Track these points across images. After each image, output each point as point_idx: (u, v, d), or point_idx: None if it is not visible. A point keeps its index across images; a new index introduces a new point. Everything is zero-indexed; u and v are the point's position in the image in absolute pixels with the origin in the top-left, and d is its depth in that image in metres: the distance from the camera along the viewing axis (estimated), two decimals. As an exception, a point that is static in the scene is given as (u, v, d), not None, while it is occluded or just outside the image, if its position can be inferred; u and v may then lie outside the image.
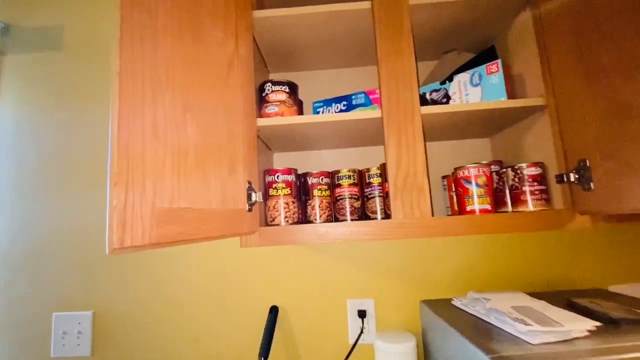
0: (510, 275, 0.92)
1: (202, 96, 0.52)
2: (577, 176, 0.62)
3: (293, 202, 0.79)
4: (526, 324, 0.56)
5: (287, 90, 0.79)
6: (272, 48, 0.88)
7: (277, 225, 0.77)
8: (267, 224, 0.77)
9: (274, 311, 0.93)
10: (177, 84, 0.46)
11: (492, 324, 0.63)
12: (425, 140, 0.95)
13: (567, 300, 0.75)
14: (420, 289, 0.93)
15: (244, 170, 0.61)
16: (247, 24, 0.69)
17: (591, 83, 0.58)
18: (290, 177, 0.80)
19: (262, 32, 0.80)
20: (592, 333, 0.56)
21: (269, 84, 0.79)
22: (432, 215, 0.65)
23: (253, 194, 0.64)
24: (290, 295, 0.95)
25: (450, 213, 0.88)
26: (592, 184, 0.59)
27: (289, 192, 0.79)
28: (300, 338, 0.93)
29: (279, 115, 0.77)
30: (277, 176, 0.79)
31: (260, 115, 0.79)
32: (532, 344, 0.53)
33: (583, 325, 0.56)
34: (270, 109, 0.78)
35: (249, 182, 0.62)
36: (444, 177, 0.92)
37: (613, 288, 0.91)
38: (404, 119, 0.67)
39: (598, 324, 0.56)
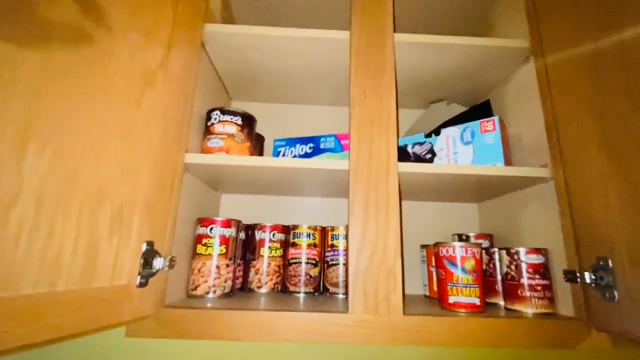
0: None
1: (77, 116, 0.35)
2: (594, 277, 0.47)
3: (227, 266, 0.60)
4: None
5: (240, 122, 0.64)
6: (231, 72, 0.73)
7: (201, 296, 0.57)
8: (188, 294, 0.58)
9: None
10: (23, 96, 0.29)
11: None
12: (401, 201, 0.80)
13: None
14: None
15: (144, 225, 0.43)
16: (190, 36, 0.54)
17: (616, 159, 0.45)
18: (230, 232, 0.61)
19: (217, 51, 0.66)
20: None
21: (217, 112, 0.63)
22: (404, 311, 0.47)
23: (156, 260, 0.45)
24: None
25: (428, 293, 0.71)
26: (616, 293, 0.44)
27: (225, 251, 0.60)
28: None
29: (223, 152, 0.60)
30: (211, 229, 0.60)
31: (202, 150, 0.62)
32: None
33: None
34: (213, 142, 0.61)
35: (150, 243, 0.44)
36: (422, 247, 0.75)
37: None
38: (375, 174, 0.52)
39: None
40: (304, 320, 0.46)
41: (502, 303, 0.60)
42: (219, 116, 0.63)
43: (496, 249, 0.62)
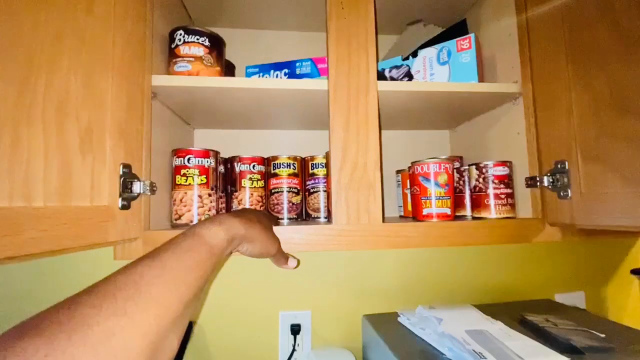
0: (458, 285, 0.84)
1: (19, 25, 0.30)
2: (551, 180, 0.52)
3: (210, 195, 0.60)
4: (487, 363, 0.45)
5: (207, 43, 0.59)
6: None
7: (186, 224, 0.58)
8: (172, 224, 0.58)
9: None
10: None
11: (444, 355, 0.52)
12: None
13: (520, 316, 0.67)
14: (363, 299, 0.81)
15: (118, 147, 0.41)
16: None
17: (581, 68, 0.47)
18: (208, 162, 0.60)
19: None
20: (557, 369, 0.47)
21: (181, 31, 0.58)
22: (383, 220, 0.51)
23: (135, 184, 0.44)
24: (208, 307, 0.76)
25: (402, 214, 0.76)
26: (569, 191, 0.49)
27: (205, 181, 0.60)
28: (220, 359, 0.76)
29: (192, 76, 0.57)
30: (189, 159, 0.59)
31: (168, 74, 0.58)
32: (493, 390, 0.42)
33: (549, 362, 0.46)
34: (180, 66, 0.57)
35: (127, 166, 0.42)
36: (398, 172, 0.79)
37: (559, 297, 0.87)
38: (355, 93, 0.52)
39: (565, 358, 0.47)
40: (291, 234, 0.49)
41: (469, 214, 0.66)
42: (184, 36, 0.57)
43: (467, 166, 0.66)
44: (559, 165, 0.50)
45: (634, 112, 0.41)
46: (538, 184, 0.54)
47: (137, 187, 0.44)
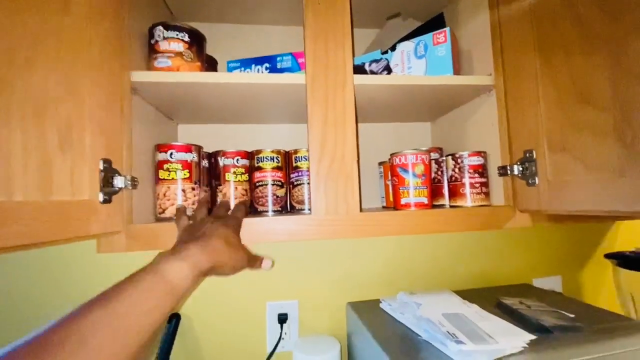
0: (439, 272, 0.87)
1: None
2: (521, 169, 0.54)
3: (193, 189, 0.61)
4: (458, 342, 0.48)
5: (187, 39, 0.59)
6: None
7: (170, 218, 0.59)
8: (156, 217, 0.59)
9: (173, 320, 0.75)
10: None
11: (420, 337, 0.54)
12: (359, 121, 0.83)
13: (496, 299, 0.70)
14: (348, 287, 0.83)
15: (97, 143, 0.42)
16: None
17: (547, 61, 0.49)
18: (190, 156, 0.61)
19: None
20: (527, 345, 0.50)
21: (160, 27, 0.58)
22: (361, 209, 0.53)
23: (117, 178, 0.45)
24: (195, 300, 0.78)
25: (385, 204, 0.78)
26: (536, 179, 0.51)
27: (188, 175, 0.61)
28: (209, 350, 0.78)
29: (172, 72, 0.57)
30: (171, 154, 0.60)
31: (149, 70, 0.58)
32: (463, 367, 0.45)
33: (518, 340, 0.49)
34: (160, 62, 0.57)
35: (107, 161, 0.43)
36: (380, 164, 0.81)
37: (537, 282, 0.91)
38: (332, 87, 0.53)
39: (533, 337, 0.50)
40: (273, 225, 0.50)
41: (447, 203, 0.68)
42: (163, 32, 0.58)
43: (444, 157, 0.68)
44: (527, 155, 0.53)
45: (594, 103, 0.43)
46: (509, 172, 0.56)
47: (118, 182, 0.45)
